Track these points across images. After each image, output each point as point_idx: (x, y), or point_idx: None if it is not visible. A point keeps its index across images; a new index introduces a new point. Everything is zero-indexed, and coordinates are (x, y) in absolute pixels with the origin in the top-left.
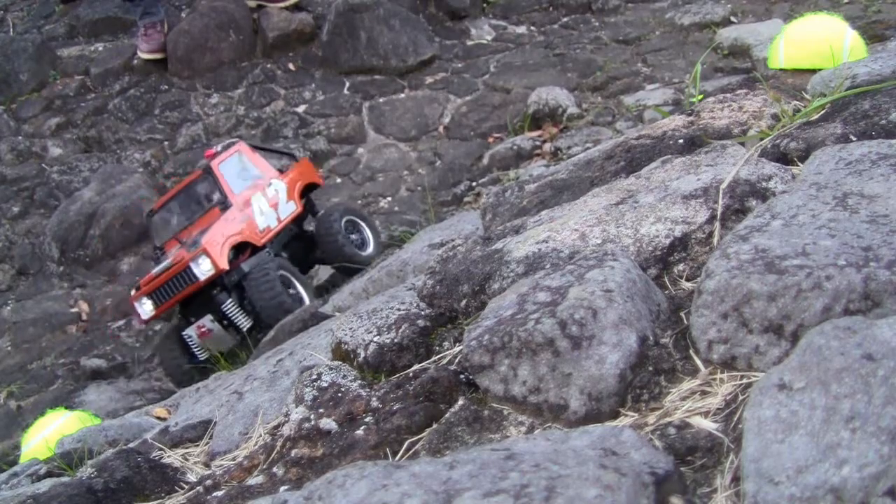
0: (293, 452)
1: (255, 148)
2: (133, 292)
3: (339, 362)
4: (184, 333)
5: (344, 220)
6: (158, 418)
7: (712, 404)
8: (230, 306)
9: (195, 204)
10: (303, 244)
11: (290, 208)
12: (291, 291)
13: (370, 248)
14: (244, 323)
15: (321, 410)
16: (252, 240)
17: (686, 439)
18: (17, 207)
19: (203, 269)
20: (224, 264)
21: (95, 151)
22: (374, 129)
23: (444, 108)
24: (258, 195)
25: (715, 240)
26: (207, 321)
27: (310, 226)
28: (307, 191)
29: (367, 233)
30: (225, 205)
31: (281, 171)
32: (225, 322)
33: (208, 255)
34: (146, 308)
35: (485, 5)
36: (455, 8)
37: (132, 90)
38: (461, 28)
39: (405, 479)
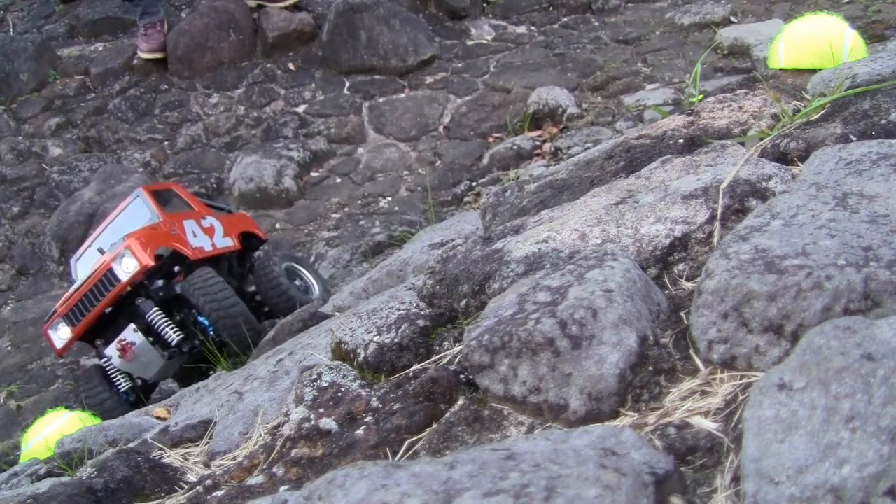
0: (293, 452)
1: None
2: (46, 323)
3: (339, 362)
4: (104, 355)
5: (284, 265)
6: (158, 418)
7: (712, 404)
8: (155, 315)
9: (119, 235)
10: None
11: (227, 242)
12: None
13: (316, 292)
14: (172, 336)
15: (321, 410)
16: (183, 250)
17: (686, 439)
18: (17, 207)
19: (125, 267)
20: (148, 261)
21: (95, 151)
22: (374, 128)
23: (444, 108)
24: (191, 220)
25: (715, 240)
26: (129, 332)
27: (251, 287)
28: (248, 243)
29: (309, 278)
30: (153, 220)
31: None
32: (150, 339)
33: (132, 252)
34: (61, 333)
35: (485, 5)
36: (455, 8)
37: (132, 90)
38: (461, 28)
39: (405, 479)
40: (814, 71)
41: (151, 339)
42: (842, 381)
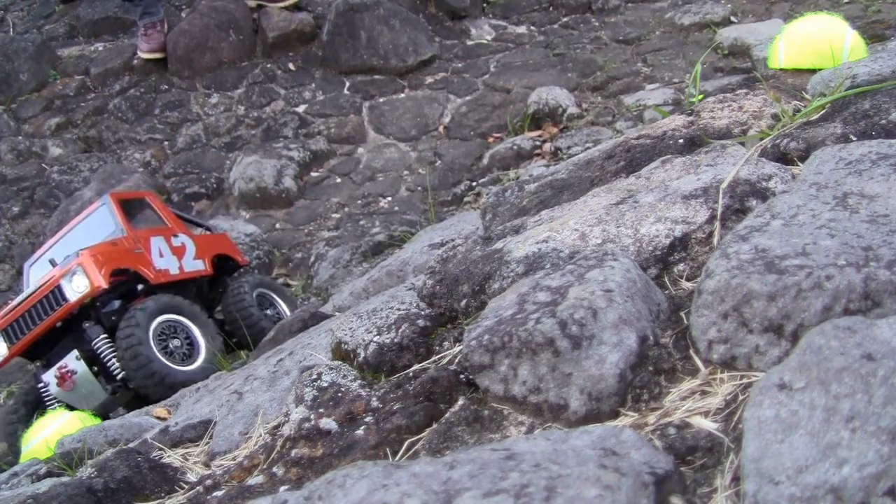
0: (293, 452)
1: (174, 212)
2: None
3: (339, 362)
4: (40, 380)
5: (256, 292)
6: (158, 418)
7: (712, 404)
8: (102, 344)
9: (78, 244)
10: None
11: (197, 266)
12: (175, 343)
13: None
14: (119, 368)
15: (321, 410)
16: (143, 272)
17: (686, 439)
18: (17, 207)
19: (76, 286)
20: (101, 282)
21: (95, 151)
22: (374, 129)
23: (444, 108)
24: (160, 238)
25: (715, 240)
26: (72, 359)
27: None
28: (223, 268)
29: (283, 306)
30: (116, 234)
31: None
32: (95, 368)
33: (84, 270)
34: None
35: (485, 5)
36: (455, 8)
37: (132, 90)
38: (461, 28)
39: (405, 479)
40: (814, 71)
41: (96, 369)
42: (842, 381)
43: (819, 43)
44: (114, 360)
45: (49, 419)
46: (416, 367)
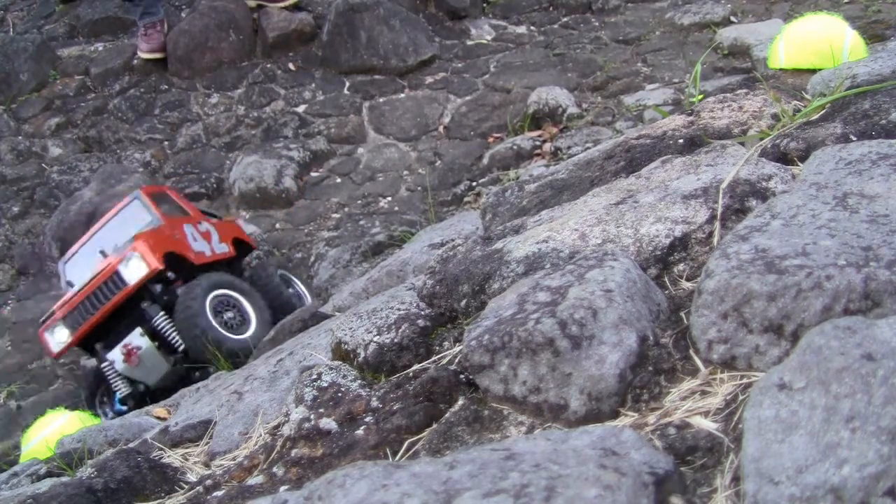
0: (293, 452)
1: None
2: (42, 325)
3: (339, 362)
4: (105, 360)
5: (278, 272)
6: (158, 418)
7: (712, 404)
8: (162, 320)
9: (117, 237)
10: None
11: (223, 248)
12: (228, 315)
13: (308, 301)
14: (179, 341)
15: (321, 410)
16: (187, 255)
17: (686, 439)
18: (17, 207)
19: (133, 270)
20: (157, 264)
21: (95, 151)
22: (374, 129)
23: (444, 108)
24: (189, 225)
25: (715, 240)
26: (136, 336)
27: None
28: (239, 251)
29: (300, 287)
30: (153, 223)
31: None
32: (156, 343)
33: (140, 254)
34: (59, 336)
35: (485, 5)
36: (455, 8)
37: (132, 90)
38: (461, 28)
39: (405, 479)
40: (814, 71)
41: (157, 344)
42: (842, 381)
43: (819, 43)
44: (174, 334)
45: (49, 419)
46: (416, 367)
